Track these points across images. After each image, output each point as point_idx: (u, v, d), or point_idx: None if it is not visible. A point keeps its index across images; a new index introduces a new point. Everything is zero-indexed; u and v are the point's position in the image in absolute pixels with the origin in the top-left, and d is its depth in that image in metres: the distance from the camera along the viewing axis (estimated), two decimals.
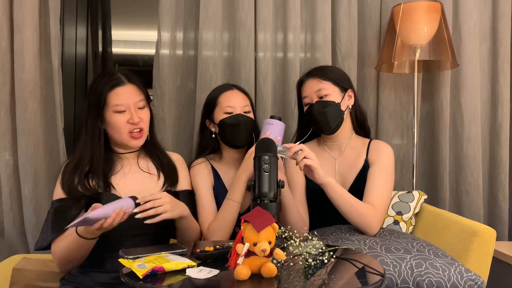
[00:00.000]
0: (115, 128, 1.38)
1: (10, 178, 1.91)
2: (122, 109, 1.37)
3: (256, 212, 0.97)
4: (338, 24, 2.12)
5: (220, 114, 1.60)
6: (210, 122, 1.65)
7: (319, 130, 1.62)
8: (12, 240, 1.91)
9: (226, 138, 1.61)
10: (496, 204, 2.21)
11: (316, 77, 1.61)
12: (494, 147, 2.23)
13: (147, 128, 1.43)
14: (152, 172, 1.45)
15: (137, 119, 1.38)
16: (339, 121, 1.60)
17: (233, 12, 2.04)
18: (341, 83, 1.62)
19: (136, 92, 1.41)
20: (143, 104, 1.41)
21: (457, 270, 1.22)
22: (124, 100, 1.37)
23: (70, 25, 2.53)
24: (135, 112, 1.38)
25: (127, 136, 1.38)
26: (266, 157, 1.19)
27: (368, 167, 1.58)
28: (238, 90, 1.66)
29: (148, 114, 1.43)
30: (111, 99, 1.37)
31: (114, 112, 1.37)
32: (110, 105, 1.37)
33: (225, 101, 1.60)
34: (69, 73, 2.48)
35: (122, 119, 1.37)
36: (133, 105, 1.38)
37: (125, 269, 1.00)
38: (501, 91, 2.20)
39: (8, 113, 1.91)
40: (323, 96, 1.58)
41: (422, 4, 1.97)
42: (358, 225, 1.45)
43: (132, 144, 1.40)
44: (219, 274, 0.98)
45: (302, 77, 1.69)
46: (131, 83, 1.41)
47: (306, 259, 1.08)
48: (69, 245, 1.25)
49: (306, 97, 1.63)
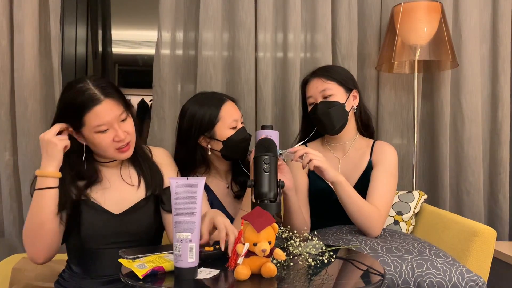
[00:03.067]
0: (99, 147, 1.27)
1: (10, 178, 1.91)
2: (105, 128, 1.24)
3: (256, 212, 0.97)
4: (338, 24, 2.12)
5: (225, 130, 1.48)
6: (210, 139, 1.49)
7: (323, 130, 1.61)
8: (12, 240, 1.91)
9: (231, 155, 1.51)
10: (497, 204, 2.21)
11: (321, 77, 1.60)
12: (494, 147, 2.23)
13: (134, 138, 1.32)
14: (134, 182, 1.36)
15: (123, 135, 1.25)
16: (343, 121, 1.59)
17: (233, 12, 2.04)
18: (346, 83, 1.61)
19: (116, 106, 1.25)
20: (125, 116, 1.28)
21: (458, 271, 1.22)
22: (105, 119, 1.23)
23: (70, 25, 2.53)
24: (119, 128, 1.25)
25: (114, 152, 1.28)
26: (266, 157, 1.19)
27: (371, 168, 1.58)
28: (231, 101, 1.54)
29: (131, 124, 1.30)
30: (90, 121, 1.22)
31: (96, 132, 1.25)
32: (90, 126, 1.23)
33: (228, 116, 1.48)
34: (69, 73, 2.49)
35: (107, 139, 1.25)
36: (115, 121, 1.25)
37: (125, 269, 0.99)
38: (502, 91, 2.20)
39: (8, 113, 1.91)
40: (328, 96, 1.57)
41: (422, 4, 1.97)
42: (362, 226, 1.44)
43: (121, 157, 1.31)
44: (219, 274, 0.98)
45: (306, 76, 1.67)
46: (108, 98, 1.24)
47: (306, 259, 1.08)
48: (30, 212, 1.21)
49: (310, 97, 1.62)
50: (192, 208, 0.96)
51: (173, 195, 0.97)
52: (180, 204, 0.96)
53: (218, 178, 1.58)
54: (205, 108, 1.49)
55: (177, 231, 0.95)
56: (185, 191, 0.97)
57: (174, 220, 0.96)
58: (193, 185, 0.97)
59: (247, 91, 2.02)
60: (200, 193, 0.98)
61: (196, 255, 0.95)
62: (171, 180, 0.98)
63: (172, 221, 0.97)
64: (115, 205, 1.29)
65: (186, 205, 0.96)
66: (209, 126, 1.48)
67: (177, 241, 0.94)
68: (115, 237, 1.30)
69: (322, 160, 1.38)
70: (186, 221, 0.95)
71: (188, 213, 0.95)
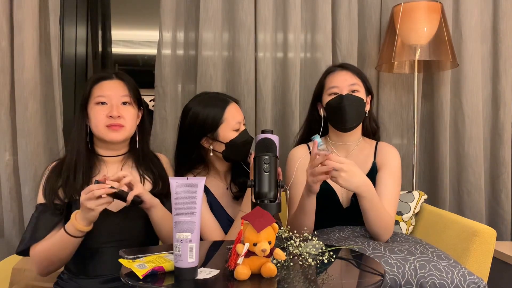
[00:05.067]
0: (93, 120, 1.34)
1: (10, 178, 1.91)
2: (103, 100, 1.34)
3: (256, 212, 0.97)
4: (338, 24, 2.12)
5: (228, 132, 1.47)
6: (213, 141, 1.49)
7: (340, 122, 1.56)
8: (12, 240, 1.91)
9: (233, 157, 1.50)
10: (499, 204, 2.21)
11: (351, 71, 1.59)
12: (496, 147, 2.23)
13: (129, 127, 1.37)
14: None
15: (116, 113, 1.32)
16: (360, 120, 1.59)
17: (233, 12, 2.04)
18: (369, 86, 1.62)
19: (121, 87, 1.37)
20: (128, 100, 1.37)
21: (460, 273, 1.22)
22: (106, 92, 1.34)
23: (70, 25, 2.53)
24: (116, 107, 1.33)
25: (103, 128, 1.33)
26: (266, 157, 1.18)
27: (376, 169, 1.56)
28: (235, 103, 1.54)
29: (132, 112, 1.37)
30: (95, 91, 1.35)
31: (95, 103, 1.34)
32: (93, 97, 1.35)
33: (232, 118, 1.48)
34: (69, 73, 2.49)
35: (102, 112, 1.33)
36: (115, 99, 1.34)
37: (125, 269, 0.99)
38: (503, 90, 2.20)
39: (8, 113, 1.91)
40: (355, 91, 1.56)
41: (422, 4, 1.97)
42: (377, 231, 1.40)
43: (110, 137, 1.34)
44: (219, 274, 0.98)
45: (332, 68, 1.64)
46: (118, 78, 1.38)
47: (306, 259, 1.08)
48: (53, 244, 1.23)
49: (336, 87, 1.56)
50: (192, 208, 0.96)
51: (173, 195, 0.97)
52: (180, 204, 0.96)
53: (217, 179, 1.58)
54: (209, 109, 1.48)
55: (177, 231, 0.95)
56: (185, 191, 0.97)
57: (174, 220, 0.96)
58: (193, 185, 0.98)
59: (247, 91, 2.02)
60: (200, 193, 0.98)
61: (196, 255, 0.95)
62: (171, 180, 0.98)
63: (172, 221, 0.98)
64: (114, 203, 1.28)
65: (186, 205, 0.96)
66: (212, 127, 1.47)
67: (177, 241, 0.94)
68: (113, 236, 1.30)
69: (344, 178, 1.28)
70: (186, 221, 0.95)
71: (188, 213, 0.95)
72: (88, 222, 1.19)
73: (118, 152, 1.41)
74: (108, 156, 1.39)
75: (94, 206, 1.15)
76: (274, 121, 2.09)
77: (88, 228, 1.20)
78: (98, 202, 1.16)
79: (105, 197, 1.16)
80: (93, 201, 1.15)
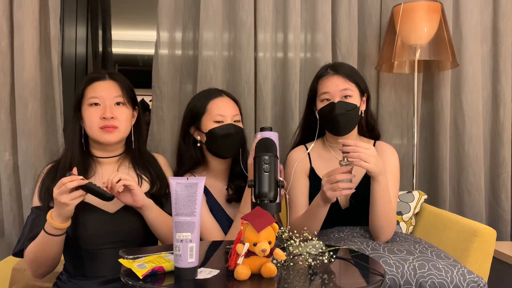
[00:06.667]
0: (87, 122, 1.33)
1: (10, 178, 1.91)
2: (96, 101, 1.33)
3: (256, 212, 0.97)
4: (338, 24, 2.12)
5: (209, 123, 1.49)
6: (195, 130, 1.54)
7: (334, 130, 1.55)
8: (12, 240, 1.91)
9: (214, 149, 1.51)
10: (499, 204, 2.20)
11: (344, 76, 1.54)
12: (496, 147, 2.23)
13: (124, 127, 1.36)
14: None
15: (110, 114, 1.31)
16: (354, 125, 1.56)
17: (233, 12, 2.04)
18: (363, 87, 1.58)
19: (114, 88, 1.35)
20: (121, 100, 1.35)
21: (460, 272, 1.22)
22: (99, 93, 1.33)
23: (70, 25, 2.53)
24: (110, 108, 1.32)
25: (97, 130, 1.32)
26: (266, 157, 1.18)
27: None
28: (228, 98, 1.56)
29: (126, 113, 1.36)
30: (87, 92, 1.34)
31: (88, 105, 1.33)
32: (86, 98, 1.34)
33: (216, 109, 1.50)
34: (69, 73, 2.48)
35: (95, 113, 1.32)
36: (108, 99, 1.33)
37: (125, 269, 0.99)
38: (503, 90, 2.20)
39: (8, 113, 1.91)
40: (347, 97, 1.52)
41: (422, 4, 1.97)
42: (379, 230, 1.40)
43: (104, 139, 1.33)
44: (219, 274, 0.98)
45: (323, 71, 1.59)
46: (110, 79, 1.37)
47: (306, 259, 1.08)
48: (36, 245, 1.22)
49: (327, 93, 1.54)
50: (192, 208, 0.96)
51: (173, 195, 0.97)
52: (180, 204, 0.96)
53: (217, 180, 1.58)
54: (197, 100, 1.57)
55: (177, 231, 0.95)
56: (185, 191, 0.97)
57: (174, 220, 0.96)
58: (193, 185, 0.98)
59: (247, 91, 2.02)
60: (200, 193, 0.98)
61: (196, 255, 0.95)
62: (171, 180, 0.98)
63: (172, 221, 0.98)
64: (111, 204, 1.28)
65: (186, 205, 0.96)
66: (196, 117, 1.53)
67: (177, 241, 0.94)
68: (111, 236, 1.30)
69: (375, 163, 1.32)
70: (186, 221, 0.95)
71: (188, 213, 0.95)
72: (64, 218, 1.16)
73: (113, 153, 1.40)
74: (104, 157, 1.38)
75: (68, 201, 1.12)
76: (274, 121, 2.09)
77: (65, 225, 1.17)
78: (71, 196, 1.13)
79: (78, 191, 1.14)
80: (66, 195, 1.12)
